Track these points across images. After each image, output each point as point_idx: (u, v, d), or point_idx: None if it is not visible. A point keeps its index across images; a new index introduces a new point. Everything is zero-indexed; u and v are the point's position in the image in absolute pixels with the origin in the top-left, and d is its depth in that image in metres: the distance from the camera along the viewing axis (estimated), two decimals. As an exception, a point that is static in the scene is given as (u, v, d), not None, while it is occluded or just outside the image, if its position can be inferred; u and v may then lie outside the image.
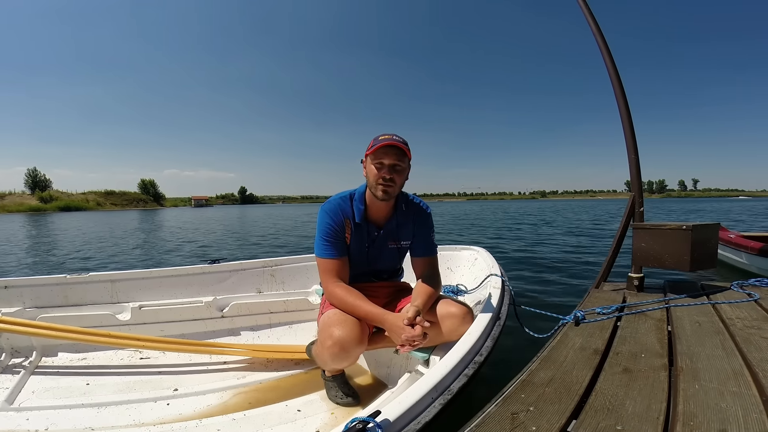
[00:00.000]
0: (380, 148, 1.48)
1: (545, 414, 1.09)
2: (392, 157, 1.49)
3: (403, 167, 1.54)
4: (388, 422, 0.95)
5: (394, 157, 1.49)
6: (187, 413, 1.66)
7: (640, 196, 2.64)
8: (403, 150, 1.50)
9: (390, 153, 1.48)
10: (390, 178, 1.49)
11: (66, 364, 2.07)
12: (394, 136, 1.51)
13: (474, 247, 2.90)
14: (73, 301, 2.31)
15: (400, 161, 1.51)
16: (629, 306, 2.16)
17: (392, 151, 1.48)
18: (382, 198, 1.53)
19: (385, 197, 1.53)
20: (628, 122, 2.67)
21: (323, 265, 1.60)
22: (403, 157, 1.52)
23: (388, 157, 1.49)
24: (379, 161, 1.49)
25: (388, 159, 1.49)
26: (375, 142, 1.50)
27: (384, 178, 1.49)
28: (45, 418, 1.60)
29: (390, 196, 1.54)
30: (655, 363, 1.42)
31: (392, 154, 1.49)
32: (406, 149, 1.51)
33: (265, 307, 2.57)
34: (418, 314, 1.42)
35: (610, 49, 2.75)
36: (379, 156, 1.48)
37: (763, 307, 2.03)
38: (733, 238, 4.73)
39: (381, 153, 1.48)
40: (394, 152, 1.49)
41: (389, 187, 1.51)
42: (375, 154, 1.49)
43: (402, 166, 1.53)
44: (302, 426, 1.54)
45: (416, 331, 1.36)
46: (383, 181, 1.49)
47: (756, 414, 1.06)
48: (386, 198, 1.53)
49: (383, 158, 1.49)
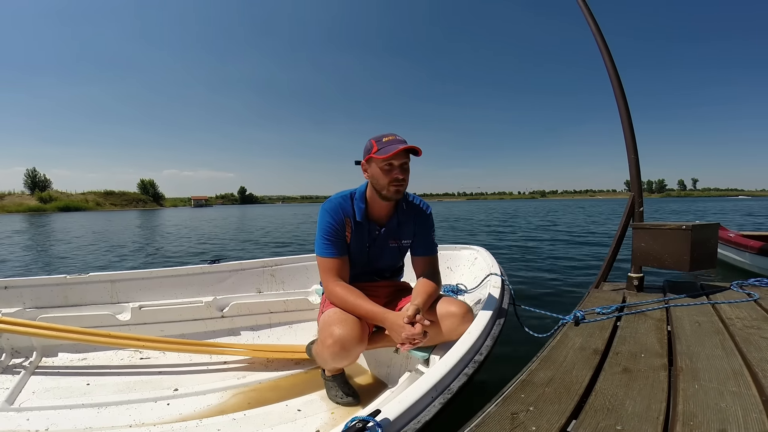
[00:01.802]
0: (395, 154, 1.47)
1: (545, 414, 1.09)
2: (401, 157, 1.51)
3: (409, 165, 1.56)
4: (388, 421, 0.95)
5: (403, 157, 1.52)
6: (187, 413, 1.66)
7: (639, 195, 2.64)
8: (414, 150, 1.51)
9: (399, 154, 1.49)
10: (402, 178, 1.52)
11: (66, 365, 2.07)
12: (397, 136, 1.52)
13: (474, 247, 2.90)
14: (73, 302, 2.31)
15: (407, 160, 1.55)
16: (629, 306, 2.16)
17: (402, 152, 1.49)
18: (394, 197, 1.56)
19: (397, 196, 1.56)
20: (628, 122, 2.67)
21: (324, 264, 1.60)
22: (408, 156, 1.55)
23: (397, 159, 1.50)
24: (389, 163, 1.50)
25: (397, 160, 1.50)
26: (381, 145, 1.50)
27: (397, 179, 1.51)
28: (45, 419, 1.60)
29: (401, 195, 1.57)
30: (655, 363, 1.42)
31: (401, 154, 1.50)
32: (417, 149, 1.52)
33: (265, 306, 2.57)
34: (417, 312, 1.42)
35: (609, 49, 2.75)
36: (390, 158, 1.49)
37: (763, 306, 2.03)
38: (733, 238, 4.74)
39: (392, 156, 1.49)
40: (402, 153, 1.50)
41: (401, 185, 1.54)
42: (387, 158, 1.49)
43: (408, 164, 1.56)
44: (302, 426, 1.54)
45: (416, 329, 1.36)
46: (397, 181, 1.51)
47: (756, 414, 1.06)
48: (398, 197, 1.57)
49: (393, 160, 1.50)
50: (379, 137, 1.53)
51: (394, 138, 1.51)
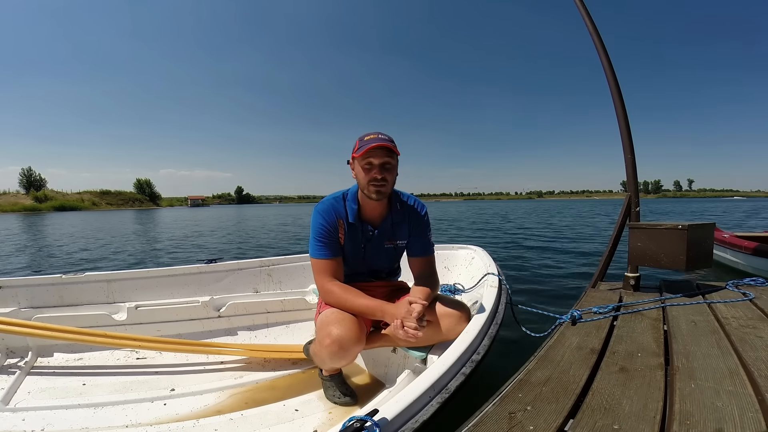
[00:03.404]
0: (369, 150, 1.46)
1: (542, 413, 1.09)
2: (381, 156, 1.48)
3: (393, 164, 1.53)
4: (386, 421, 0.95)
5: (383, 156, 1.49)
6: (184, 413, 1.66)
7: (636, 195, 2.65)
8: (390, 148, 1.49)
9: (378, 152, 1.47)
10: (382, 177, 1.49)
11: (62, 365, 2.06)
12: (380, 134, 1.50)
13: (471, 246, 2.91)
14: (69, 301, 2.29)
15: (390, 159, 1.51)
16: (625, 305, 2.17)
17: (380, 150, 1.47)
18: (376, 198, 1.53)
19: (379, 197, 1.52)
20: (625, 123, 2.68)
21: (317, 266, 1.59)
22: (391, 155, 1.51)
23: (376, 157, 1.48)
24: (368, 162, 1.48)
25: (377, 159, 1.48)
26: (361, 143, 1.49)
27: (376, 178, 1.48)
28: (41, 419, 1.59)
29: (383, 196, 1.54)
30: (652, 362, 1.43)
31: (381, 153, 1.48)
32: (393, 147, 1.50)
33: (262, 306, 2.56)
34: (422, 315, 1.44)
35: (606, 49, 2.76)
36: (368, 157, 1.48)
37: (758, 306, 2.05)
38: (727, 238, 4.77)
39: (369, 154, 1.47)
40: (382, 151, 1.48)
41: (382, 186, 1.50)
42: (363, 156, 1.48)
43: (392, 164, 1.52)
44: (300, 425, 1.54)
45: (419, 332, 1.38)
46: (376, 181, 1.49)
47: (752, 413, 1.06)
48: (380, 198, 1.53)
49: (372, 158, 1.48)
50: (363, 136, 1.52)
51: (375, 136, 1.49)
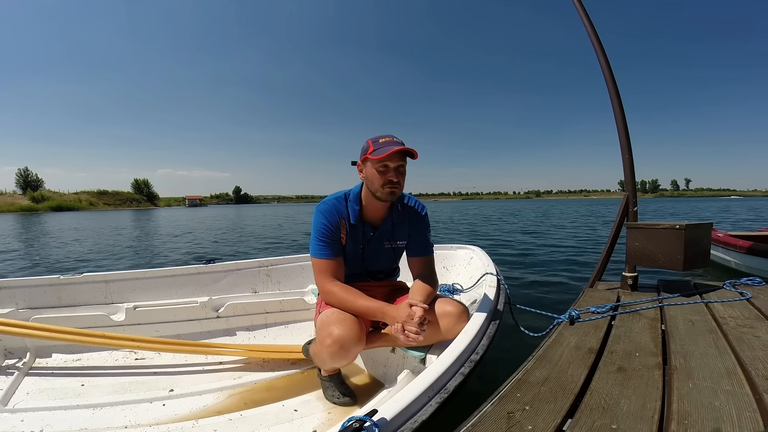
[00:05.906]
0: (390, 154, 1.47)
1: (541, 413, 1.10)
2: (397, 159, 1.50)
3: (405, 168, 1.56)
4: (385, 421, 0.95)
5: (399, 159, 1.51)
6: (183, 414, 1.66)
7: (633, 195, 2.66)
8: (411, 152, 1.51)
9: (395, 156, 1.49)
10: (397, 180, 1.51)
11: (60, 365, 2.06)
12: (394, 138, 1.52)
13: (469, 246, 2.91)
14: (67, 302, 2.29)
15: (404, 162, 1.54)
16: (623, 305, 2.17)
17: (398, 154, 1.49)
18: (388, 199, 1.55)
19: (392, 198, 1.55)
20: (622, 122, 2.68)
21: (318, 266, 1.60)
22: (405, 158, 1.54)
23: (393, 161, 1.50)
24: (384, 164, 1.50)
25: (393, 162, 1.50)
26: (378, 146, 1.50)
27: (392, 181, 1.50)
28: (40, 420, 1.58)
29: (396, 197, 1.57)
30: (649, 362, 1.44)
31: (397, 156, 1.49)
32: (414, 152, 1.52)
33: (260, 307, 2.56)
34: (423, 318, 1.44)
35: (604, 48, 2.76)
36: (385, 160, 1.49)
37: (755, 305, 2.05)
38: (722, 237, 4.78)
39: (388, 157, 1.48)
40: (399, 155, 1.49)
41: (396, 188, 1.53)
42: (382, 159, 1.49)
43: (405, 167, 1.55)
44: (299, 426, 1.54)
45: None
46: (391, 184, 1.51)
47: (749, 413, 1.07)
48: (393, 199, 1.56)
49: (388, 161, 1.49)
50: (376, 138, 1.53)
51: (392, 140, 1.51)
